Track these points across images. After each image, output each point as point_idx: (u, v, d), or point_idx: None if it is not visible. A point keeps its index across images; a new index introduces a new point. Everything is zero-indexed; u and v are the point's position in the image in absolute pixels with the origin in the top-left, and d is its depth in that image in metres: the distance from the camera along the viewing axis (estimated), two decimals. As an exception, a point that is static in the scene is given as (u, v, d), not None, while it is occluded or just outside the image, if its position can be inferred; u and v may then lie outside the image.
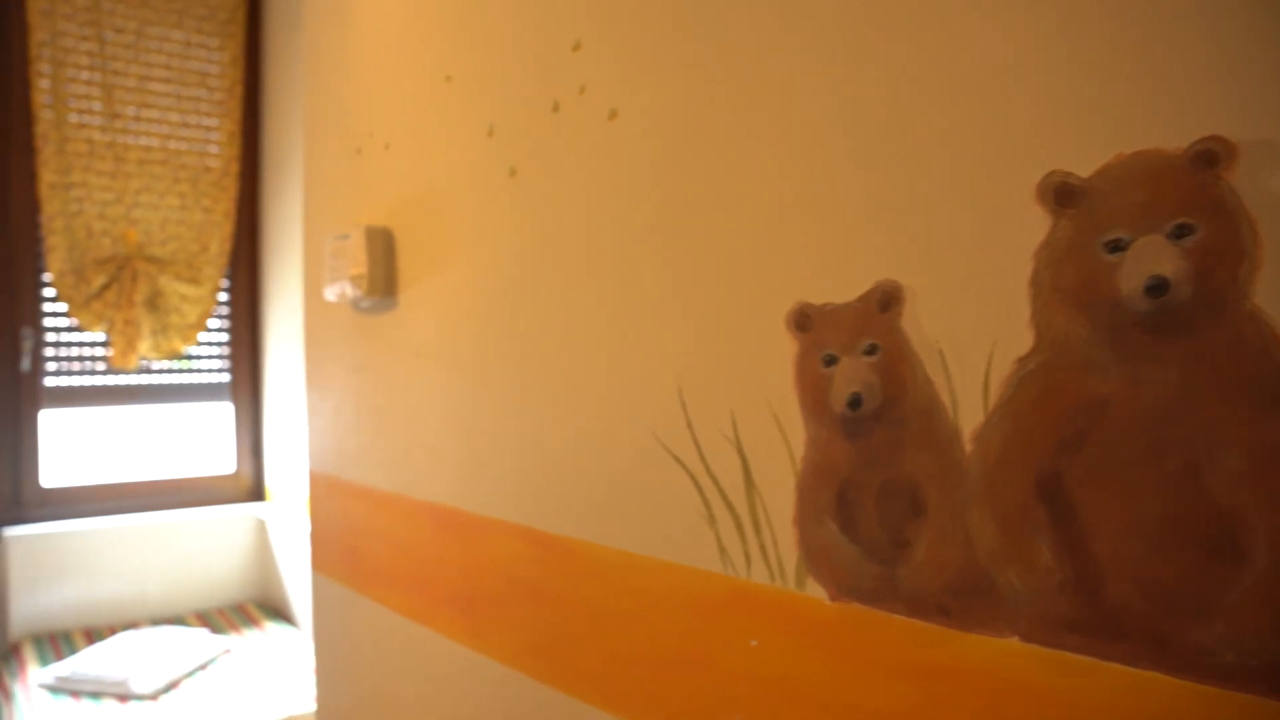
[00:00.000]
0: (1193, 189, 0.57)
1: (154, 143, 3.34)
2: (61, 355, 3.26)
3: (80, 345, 3.30)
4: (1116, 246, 0.60)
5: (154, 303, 3.33)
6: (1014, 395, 0.66)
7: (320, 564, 1.70)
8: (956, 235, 0.70)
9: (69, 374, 3.28)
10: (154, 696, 2.53)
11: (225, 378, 3.61)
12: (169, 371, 3.52)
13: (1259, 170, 0.54)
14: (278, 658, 2.84)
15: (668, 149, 0.94)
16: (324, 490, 1.68)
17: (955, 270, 0.70)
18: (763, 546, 0.84)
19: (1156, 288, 0.57)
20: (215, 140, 3.46)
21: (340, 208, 1.60)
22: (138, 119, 3.30)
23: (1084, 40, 0.62)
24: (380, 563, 1.49)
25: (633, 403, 0.98)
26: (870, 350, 0.75)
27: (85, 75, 3.19)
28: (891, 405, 0.74)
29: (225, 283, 3.56)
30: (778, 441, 0.82)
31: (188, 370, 3.57)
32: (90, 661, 2.61)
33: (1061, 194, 0.63)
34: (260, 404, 3.62)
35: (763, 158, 0.84)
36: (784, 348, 0.82)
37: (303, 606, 3.14)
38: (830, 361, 0.77)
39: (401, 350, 1.42)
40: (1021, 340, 0.65)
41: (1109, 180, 0.61)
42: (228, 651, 2.88)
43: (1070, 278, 0.63)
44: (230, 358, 3.61)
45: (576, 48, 1.05)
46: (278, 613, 3.34)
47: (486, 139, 1.20)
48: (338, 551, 1.63)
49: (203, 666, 2.75)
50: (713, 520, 0.89)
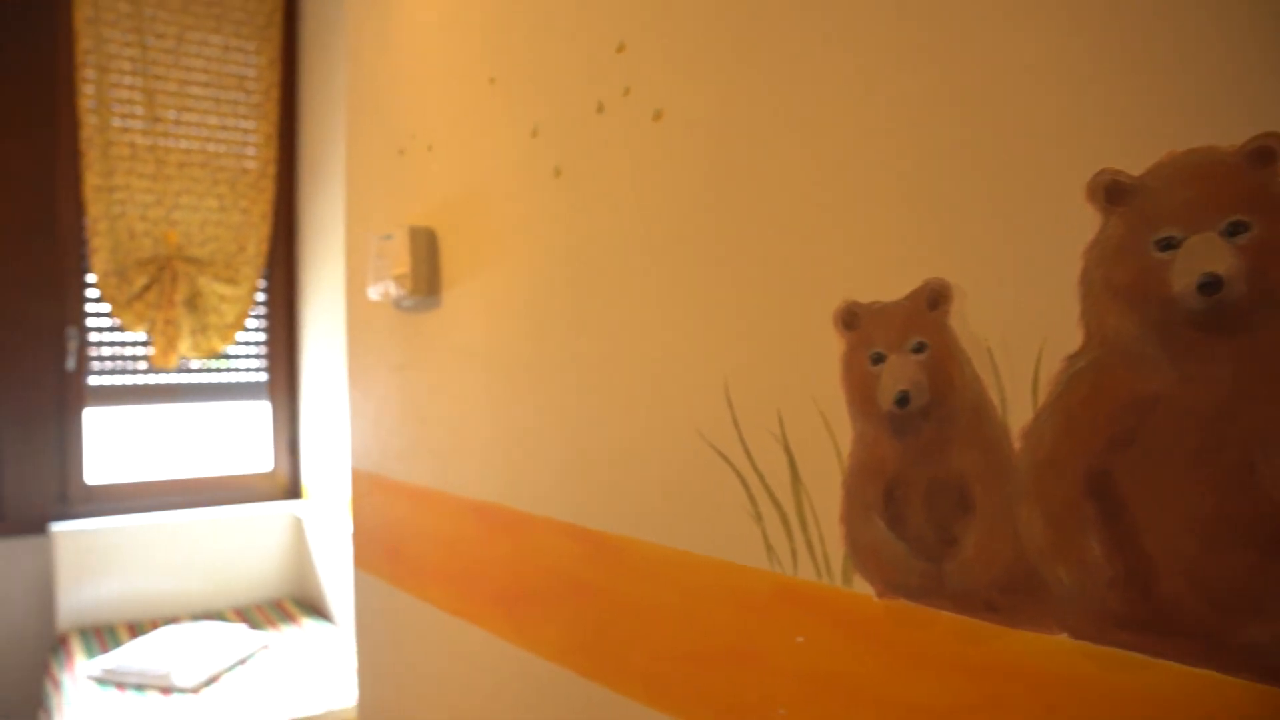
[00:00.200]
0: (1247, 186, 0.57)
1: (193, 146, 3.39)
2: (104, 355, 3.33)
3: (122, 345, 3.36)
4: (1168, 244, 0.60)
5: (193, 303, 3.39)
6: (1063, 392, 0.66)
7: (363, 561, 1.72)
8: (1005, 234, 0.70)
9: (112, 373, 3.34)
10: (195, 690, 2.58)
11: (262, 376, 3.66)
12: (208, 371, 3.58)
13: (1316, 168, 0.54)
14: (315, 654, 2.88)
15: (713, 149, 0.95)
16: (366, 488, 1.70)
17: (1004, 269, 0.70)
18: (809, 543, 0.85)
19: (1209, 285, 0.58)
20: (252, 143, 3.51)
21: (383, 208, 1.62)
22: (178, 123, 3.35)
23: (1135, 38, 0.62)
24: (424, 560, 1.51)
25: (679, 401, 0.99)
26: (918, 348, 0.75)
27: (128, 81, 3.25)
28: (939, 403, 0.74)
29: (262, 283, 3.61)
30: (824, 439, 0.83)
31: (226, 369, 3.62)
32: (133, 655, 2.66)
33: (1112, 192, 0.63)
34: (297, 402, 3.67)
35: (808, 157, 0.85)
36: (831, 346, 0.82)
37: (339, 603, 3.18)
38: (878, 359, 0.78)
39: (445, 348, 1.43)
40: (1071, 338, 0.65)
41: (1160, 178, 0.61)
42: (266, 647, 2.92)
43: (1121, 275, 0.63)
44: (267, 357, 3.66)
45: (620, 49, 1.06)
46: (314, 609, 3.38)
47: (531, 140, 1.21)
48: (380, 549, 1.65)
49: (242, 661, 2.80)
50: (759, 517, 0.90)
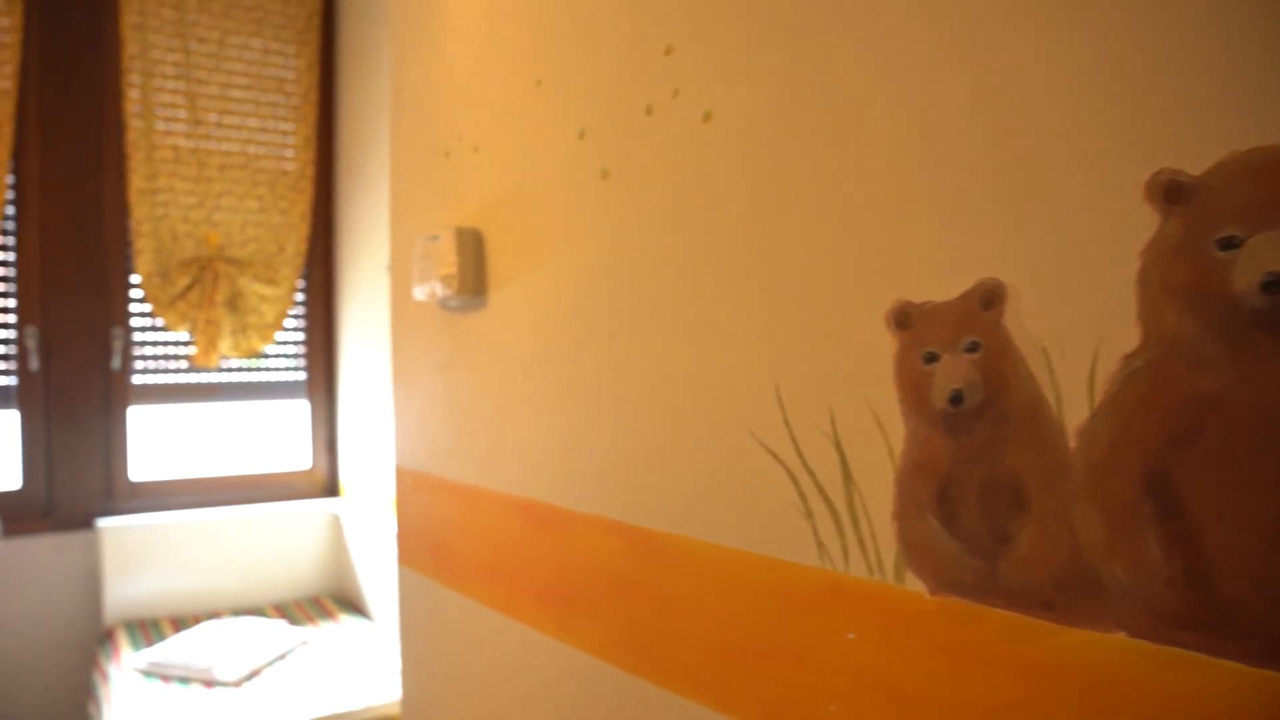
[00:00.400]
0: (1313, 186, 0.57)
1: (234, 148, 3.44)
2: (148, 354, 3.39)
3: (165, 344, 3.42)
4: (1229, 244, 0.60)
5: (234, 303, 3.44)
6: (1121, 391, 0.66)
7: (407, 558, 1.74)
8: (1060, 234, 0.70)
9: (155, 372, 3.41)
10: (237, 684, 2.62)
11: (301, 376, 3.71)
12: (248, 370, 3.64)
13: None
14: (354, 650, 2.92)
15: (764, 149, 0.95)
16: (410, 485, 1.72)
17: (1059, 269, 0.70)
18: (861, 540, 0.85)
19: (1274, 284, 0.57)
20: (291, 145, 3.56)
21: (428, 209, 1.64)
22: (219, 125, 3.41)
23: (1194, 37, 0.62)
24: (468, 557, 1.52)
25: (728, 401, 1.00)
26: (972, 347, 0.76)
27: (171, 85, 3.31)
28: (993, 402, 0.75)
29: (301, 283, 3.66)
30: (876, 438, 0.83)
31: (265, 369, 3.68)
32: (177, 648, 2.72)
33: (1171, 192, 0.63)
34: (335, 401, 3.71)
35: (860, 156, 0.85)
36: (883, 346, 0.83)
37: (377, 600, 3.21)
38: (931, 359, 0.78)
39: (491, 348, 1.45)
40: (1128, 337, 0.65)
41: (1221, 178, 0.61)
42: (305, 643, 2.96)
43: (1180, 275, 0.63)
44: (306, 356, 3.71)
45: (669, 51, 1.07)
46: (352, 606, 3.42)
47: (578, 141, 1.23)
48: (424, 546, 1.67)
49: (282, 656, 2.84)
50: (810, 514, 0.90)
